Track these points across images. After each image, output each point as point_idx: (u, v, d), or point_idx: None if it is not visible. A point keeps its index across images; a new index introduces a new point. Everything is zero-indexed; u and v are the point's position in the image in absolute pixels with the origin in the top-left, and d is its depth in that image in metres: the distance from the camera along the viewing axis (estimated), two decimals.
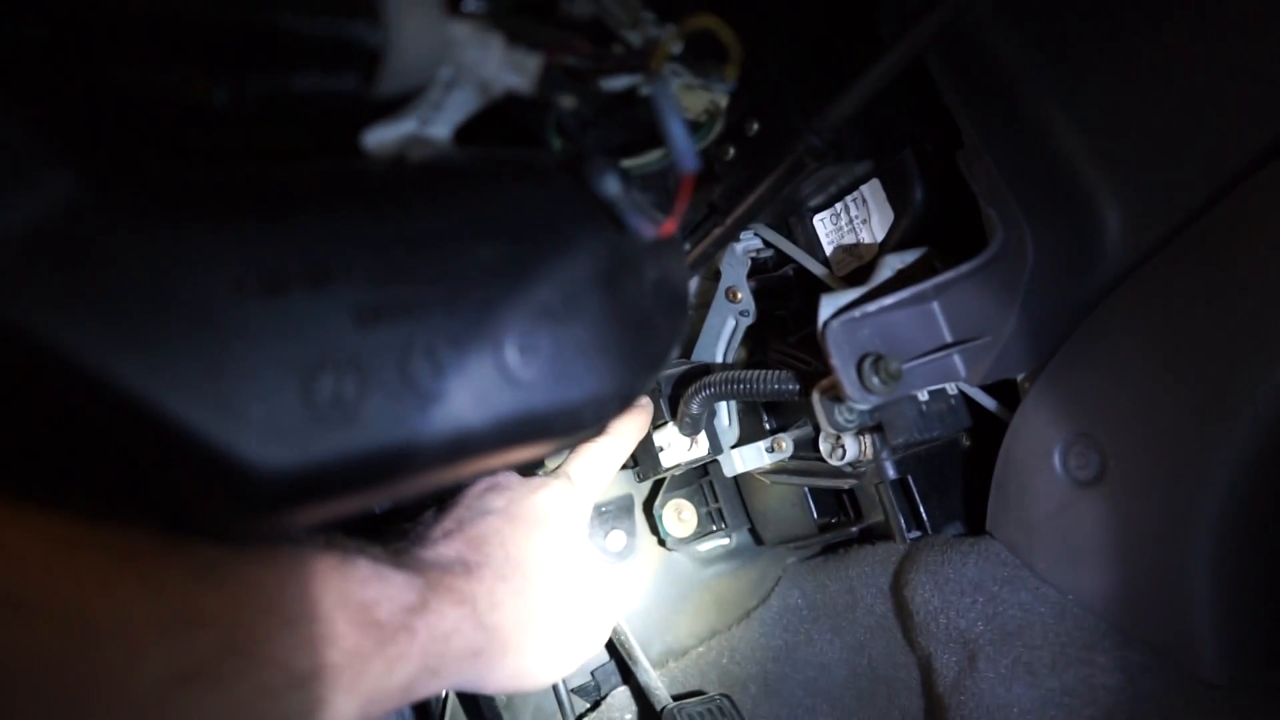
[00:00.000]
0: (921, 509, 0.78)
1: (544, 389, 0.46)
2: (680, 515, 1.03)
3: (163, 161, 0.39)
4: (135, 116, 0.39)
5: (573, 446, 0.71)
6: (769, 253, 0.87)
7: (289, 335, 0.39)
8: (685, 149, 0.44)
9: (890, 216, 0.76)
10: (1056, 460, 0.67)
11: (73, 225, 0.35)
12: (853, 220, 0.79)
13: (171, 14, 0.37)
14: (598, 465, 0.71)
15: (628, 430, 0.75)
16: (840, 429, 0.69)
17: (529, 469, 0.75)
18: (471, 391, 0.43)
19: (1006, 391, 0.74)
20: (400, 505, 0.72)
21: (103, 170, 0.36)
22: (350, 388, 0.40)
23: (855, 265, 0.79)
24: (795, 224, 0.84)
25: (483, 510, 0.61)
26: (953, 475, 0.81)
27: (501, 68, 0.42)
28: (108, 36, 0.36)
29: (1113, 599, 0.65)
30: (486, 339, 0.44)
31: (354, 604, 0.45)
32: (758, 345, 0.89)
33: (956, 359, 0.67)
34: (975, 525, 0.78)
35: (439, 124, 0.46)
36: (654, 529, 1.05)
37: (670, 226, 0.47)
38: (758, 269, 0.88)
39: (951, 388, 0.71)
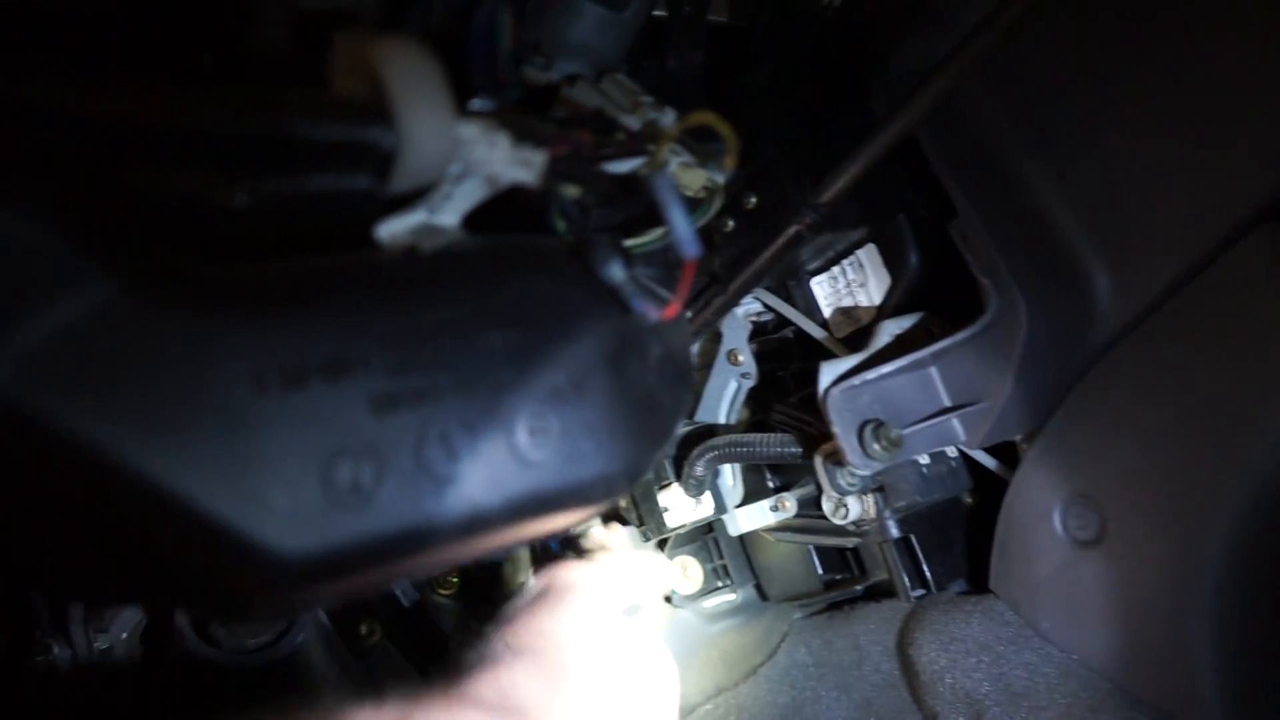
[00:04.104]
0: (925, 567, 0.79)
1: (554, 469, 0.47)
2: (686, 571, 1.03)
3: (186, 262, 0.40)
4: (159, 219, 0.41)
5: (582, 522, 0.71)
6: (769, 316, 0.89)
7: (308, 426, 0.40)
8: (687, 237, 0.46)
9: (887, 280, 0.78)
10: (1056, 521, 0.68)
11: (104, 328, 0.36)
12: (850, 284, 0.81)
13: (196, 126, 0.39)
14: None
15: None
16: (843, 492, 0.70)
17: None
18: (484, 474, 0.45)
19: (1007, 450, 0.75)
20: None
21: (131, 274, 0.38)
22: (368, 475, 0.41)
23: (853, 328, 0.81)
24: (794, 287, 0.85)
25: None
26: (956, 533, 0.82)
27: (508, 163, 0.44)
28: (137, 147, 0.38)
29: (1117, 660, 0.65)
30: (498, 423, 0.45)
31: None
32: (760, 406, 0.90)
33: (955, 423, 0.69)
34: (979, 582, 0.78)
35: (448, 213, 0.48)
36: None
37: (674, 309, 0.48)
38: (758, 331, 0.89)
39: (952, 450, 0.72)
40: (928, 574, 0.79)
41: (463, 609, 0.97)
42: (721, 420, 0.89)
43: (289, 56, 0.52)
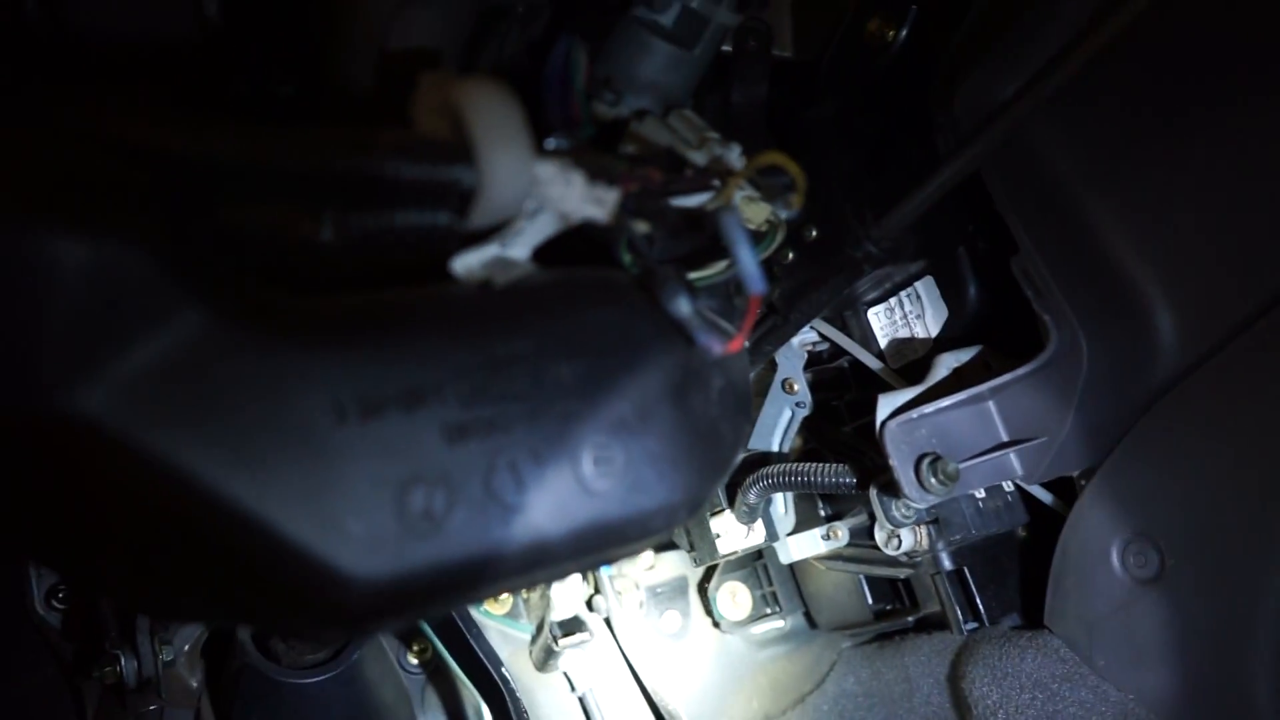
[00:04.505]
0: (978, 600, 0.78)
1: (617, 498, 0.48)
2: (735, 598, 1.04)
3: (273, 294, 0.42)
4: (249, 251, 0.42)
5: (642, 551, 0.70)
6: (824, 345, 0.89)
7: (385, 455, 0.41)
8: (753, 274, 0.47)
9: (944, 312, 0.78)
10: (1115, 557, 0.68)
11: (197, 358, 0.38)
12: (907, 315, 0.81)
13: (289, 164, 0.40)
14: None
15: None
16: (897, 524, 0.70)
17: None
18: (550, 503, 0.46)
19: (1062, 482, 0.74)
20: None
21: (222, 306, 0.39)
22: (439, 502, 0.43)
23: (909, 359, 0.81)
24: (850, 317, 0.86)
25: None
26: (1009, 566, 0.82)
27: (582, 201, 0.46)
28: (232, 184, 0.40)
29: (1175, 700, 0.65)
30: (565, 452, 0.46)
31: None
32: (813, 434, 0.91)
33: (1013, 458, 0.69)
34: (1032, 617, 0.78)
35: (519, 246, 0.49)
36: (708, 611, 1.05)
37: (737, 344, 0.49)
38: (813, 361, 0.90)
39: (1008, 484, 0.72)
40: (981, 607, 0.78)
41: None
42: (775, 448, 0.89)
43: (368, 90, 0.53)
